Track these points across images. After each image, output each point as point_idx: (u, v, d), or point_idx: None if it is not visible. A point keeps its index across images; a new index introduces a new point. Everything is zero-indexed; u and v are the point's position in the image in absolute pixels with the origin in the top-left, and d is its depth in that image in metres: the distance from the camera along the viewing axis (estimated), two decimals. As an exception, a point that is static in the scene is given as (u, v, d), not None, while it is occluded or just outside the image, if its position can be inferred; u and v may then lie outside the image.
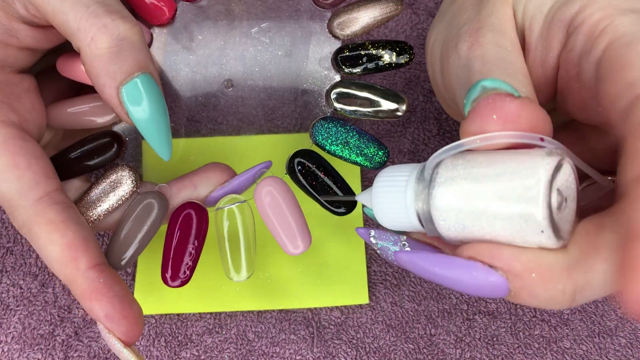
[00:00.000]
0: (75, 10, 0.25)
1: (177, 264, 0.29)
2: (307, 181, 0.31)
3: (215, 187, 0.31)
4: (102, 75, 0.26)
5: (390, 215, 0.23)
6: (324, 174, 0.31)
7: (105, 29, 0.25)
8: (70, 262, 0.26)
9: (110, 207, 0.29)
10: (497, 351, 0.33)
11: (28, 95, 0.29)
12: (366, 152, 0.31)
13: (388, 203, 0.23)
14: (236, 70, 0.35)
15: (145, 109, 0.26)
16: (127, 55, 0.26)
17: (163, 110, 0.27)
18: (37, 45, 0.28)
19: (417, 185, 0.22)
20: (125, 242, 0.29)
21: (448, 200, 0.21)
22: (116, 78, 0.25)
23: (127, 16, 0.26)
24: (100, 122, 0.31)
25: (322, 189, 0.31)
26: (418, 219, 0.23)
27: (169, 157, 0.28)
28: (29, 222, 0.26)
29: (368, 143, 0.31)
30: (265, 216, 0.29)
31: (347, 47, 0.32)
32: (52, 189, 0.27)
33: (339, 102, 0.31)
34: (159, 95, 0.27)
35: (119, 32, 0.25)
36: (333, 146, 0.31)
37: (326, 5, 0.33)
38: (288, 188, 0.30)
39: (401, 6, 0.32)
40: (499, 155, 0.21)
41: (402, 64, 0.32)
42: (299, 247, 0.29)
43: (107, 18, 0.25)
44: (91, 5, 0.25)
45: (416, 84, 0.39)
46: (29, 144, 0.27)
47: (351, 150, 0.31)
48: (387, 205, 0.23)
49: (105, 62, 0.25)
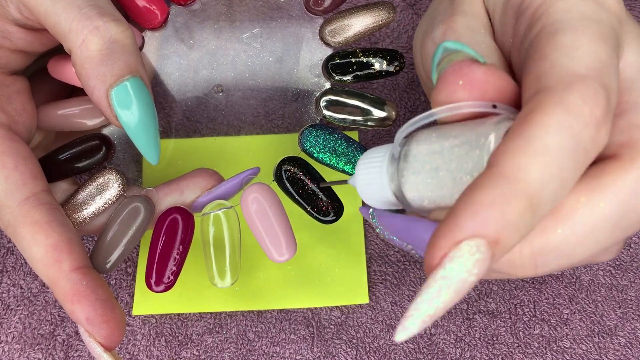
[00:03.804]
0: (67, 12, 0.25)
1: (162, 269, 0.29)
2: (294, 188, 0.31)
3: (202, 192, 0.30)
4: (92, 77, 0.25)
5: (372, 195, 0.24)
6: (311, 181, 0.31)
7: (97, 31, 0.25)
8: (53, 263, 0.25)
9: (96, 210, 0.29)
10: (497, 350, 0.33)
11: (19, 97, 0.29)
12: (354, 160, 0.31)
13: (368, 184, 0.24)
14: (226, 75, 0.35)
15: (134, 113, 0.26)
16: (117, 58, 0.25)
17: (152, 114, 0.27)
18: (30, 48, 0.28)
19: (389, 165, 0.23)
20: (111, 246, 0.29)
21: (414, 180, 0.22)
22: (106, 81, 0.25)
23: (120, 19, 0.26)
24: (90, 125, 0.30)
25: (309, 197, 0.31)
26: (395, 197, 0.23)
27: (157, 161, 0.28)
28: (15, 223, 0.26)
29: (356, 151, 0.31)
30: (252, 223, 0.29)
31: (338, 55, 0.32)
32: (38, 190, 0.27)
33: (328, 109, 0.31)
34: (149, 99, 0.26)
35: (111, 35, 0.25)
36: (321, 154, 0.31)
37: (318, 12, 0.33)
38: (275, 195, 0.30)
39: (393, 14, 0.32)
40: (458, 127, 0.21)
41: (393, 72, 0.32)
42: (284, 255, 0.29)
43: (99, 20, 0.25)
44: (84, 7, 0.25)
45: (417, 84, 0.39)
46: (17, 144, 0.27)
47: (339, 158, 0.31)
48: (368, 186, 0.24)
49: (95, 65, 0.25)
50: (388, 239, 0.25)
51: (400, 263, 0.35)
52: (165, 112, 0.36)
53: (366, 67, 0.32)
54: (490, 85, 0.20)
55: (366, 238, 0.36)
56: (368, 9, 0.32)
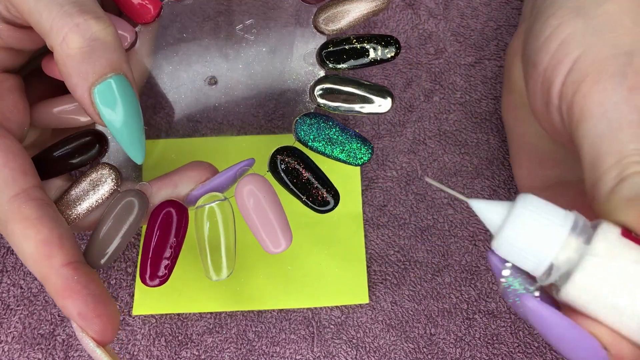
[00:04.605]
0: (49, 10, 0.25)
1: (156, 262, 0.29)
2: (289, 178, 0.30)
3: (196, 185, 0.30)
4: (74, 75, 0.25)
5: (520, 245, 0.21)
6: (306, 170, 0.30)
7: (77, 29, 0.25)
8: (44, 259, 0.25)
9: (90, 206, 0.29)
10: (497, 350, 0.33)
11: (11, 95, 0.29)
12: (348, 148, 0.30)
13: (526, 233, 0.20)
14: (220, 67, 0.35)
15: (118, 111, 0.26)
16: (99, 55, 0.25)
17: (136, 112, 0.26)
18: (20, 46, 0.28)
19: (570, 234, 0.20)
20: (105, 241, 0.28)
21: (599, 275, 0.20)
22: (88, 79, 0.25)
23: (101, 17, 0.26)
24: (83, 121, 0.30)
25: (304, 186, 0.30)
26: (548, 267, 0.21)
27: (142, 160, 0.28)
28: (5, 219, 0.26)
29: (351, 139, 0.30)
30: (246, 214, 0.29)
31: (332, 42, 0.31)
32: (29, 186, 0.26)
33: (323, 97, 0.31)
34: (133, 97, 0.26)
35: (92, 32, 0.25)
36: (315, 142, 0.30)
37: (312, 1, 0.33)
38: (270, 186, 0.29)
39: (388, 0, 0.32)
40: None
41: (389, 58, 0.31)
42: (280, 246, 0.29)
43: (79, 18, 0.25)
44: (65, 4, 0.25)
45: (417, 84, 0.39)
46: (7, 140, 0.27)
47: (334, 146, 0.30)
48: (524, 235, 0.20)
49: (76, 62, 0.25)
50: (506, 297, 0.22)
51: (400, 263, 0.35)
52: (157, 107, 0.36)
53: (361, 53, 0.31)
54: None
55: (366, 238, 0.36)
56: None
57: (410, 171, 0.37)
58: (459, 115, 0.38)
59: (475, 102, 0.38)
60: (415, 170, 0.37)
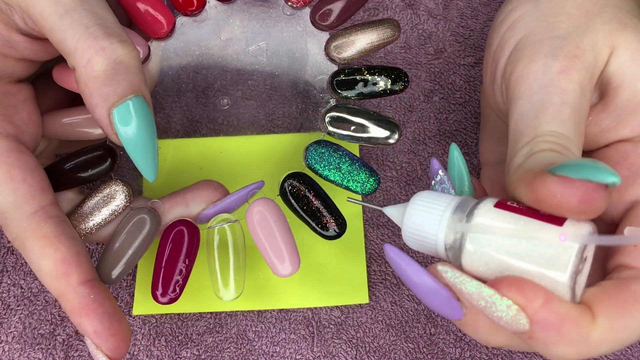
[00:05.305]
0: (73, 30, 0.25)
1: (167, 281, 0.29)
2: (299, 204, 0.31)
3: (207, 205, 0.31)
4: (95, 95, 0.25)
5: (417, 236, 0.24)
6: (315, 197, 0.31)
7: (103, 52, 0.25)
8: (62, 276, 0.26)
9: (102, 220, 0.29)
10: (497, 350, 0.33)
11: (25, 106, 0.29)
12: (357, 178, 0.31)
13: (419, 225, 0.24)
14: (232, 87, 0.35)
15: (134, 130, 0.26)
16: (122, 78, 0.25)
17: (152, 132, 0.27)
18: (35, 57, 0.28)
19: (452, 217, 0.23)
20: (117, 257, 0.29)
21: (481, 247, 0.22)
22: (108, 100, 0.25)
23: (126, 40, 0.26)
24: (95, 135, 0.31)
25: (313, 213, 0.31)
26: (444, 247, 0.23)
27: (154, 179, 0.28)
28: (23, 235, 0.26)
29: (360, 169, 0.31)
30: (256, 237, 0.29)
31: (343, 72, 0.32)
32: (47, 203, 0.27)
33: (333, 125, 0.32)
34: (149, 118, 0.27)
35: (117, 56, 0.25)
36: (326, 170, 0.31)
37: (324, 27, 0.33)
38: (279, 210, 0.30)
39: (398, 32, 0.32)
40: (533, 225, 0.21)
41: (397, 90, 0.32)
42: (287, 270, 0.29)
43: (105, 41, 0.25)
44: (91, 26, 0.25)
45: (417, 84, 0.39)
46: (25, 156, 0.27)
47: (343, 175, 0.31)
48: (418, 226, 0.24)
49: (99, 84, 0.25)
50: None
51: (400, 263, 0.35)
52: (164, 112, 0.36)
53: (371, 85, 0.32)
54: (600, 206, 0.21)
55: (366, 238, 0.36)
56: (374, 26, 0.32)
57: (410, 171, 0.37)
58: (458, 116, 0.38)
59: (475, 102, 0.38)
60: (416, 170, 0.37)
